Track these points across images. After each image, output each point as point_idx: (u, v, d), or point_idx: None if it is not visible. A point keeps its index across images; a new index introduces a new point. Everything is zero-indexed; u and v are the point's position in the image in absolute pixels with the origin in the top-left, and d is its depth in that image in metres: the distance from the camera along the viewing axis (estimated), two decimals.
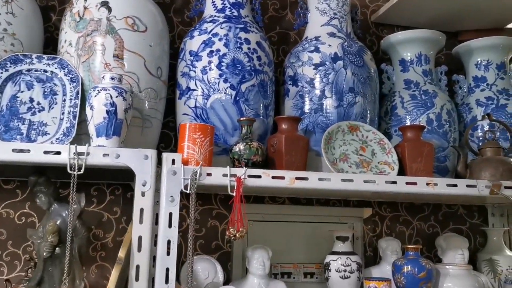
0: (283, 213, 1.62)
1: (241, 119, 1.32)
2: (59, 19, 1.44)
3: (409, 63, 1.62)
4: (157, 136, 1.42)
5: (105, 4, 1.32)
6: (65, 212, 1.17)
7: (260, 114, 1.40)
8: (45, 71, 1.27)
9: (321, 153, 1.33)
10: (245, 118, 1.32)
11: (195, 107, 1.38)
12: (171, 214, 1.13)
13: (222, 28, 1.41)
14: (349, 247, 1.45)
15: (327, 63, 1.45)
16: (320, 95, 1.44)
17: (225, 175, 1.17)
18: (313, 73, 1.45)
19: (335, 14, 1.54)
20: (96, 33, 1.30)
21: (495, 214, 1.78)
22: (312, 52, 1.48)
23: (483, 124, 1.58)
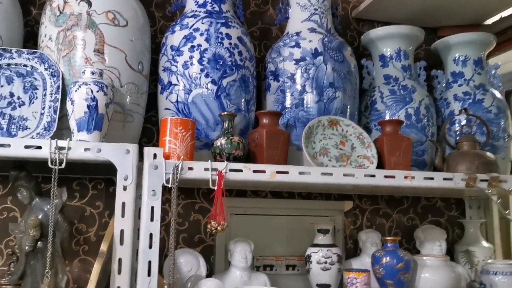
0: (265, 206, 1.64)
1: (222, 114, 1.32)
2: (40, 13, 1.43)
3: (388, 59, 1.64)
4: (139, 130, 1.42)
5: None
6: (46, 206, 1.17)
7: (241, 109, 1.41)
8: (25, 65, 1.27)
9: (301, 147, 1.34)
10: (226, 112, 1.33)
11: (177, 101, 1.38)
12: (153, 208, 1.14)
13: (203, 23, 1.41)
14: (330, 239, 1.47)
15: (308, 58, 1.46)
16: (300, 90, 1.45)
17: (206, 169, 1.18)
18: (294, 68, 1.47)
19: (316, 9, 1.55)
20: (76, 27, 1.29)
21: (472, 206, 1.82)
22: (293, 47, 1.49)
23: (460, 118, 1.60)
